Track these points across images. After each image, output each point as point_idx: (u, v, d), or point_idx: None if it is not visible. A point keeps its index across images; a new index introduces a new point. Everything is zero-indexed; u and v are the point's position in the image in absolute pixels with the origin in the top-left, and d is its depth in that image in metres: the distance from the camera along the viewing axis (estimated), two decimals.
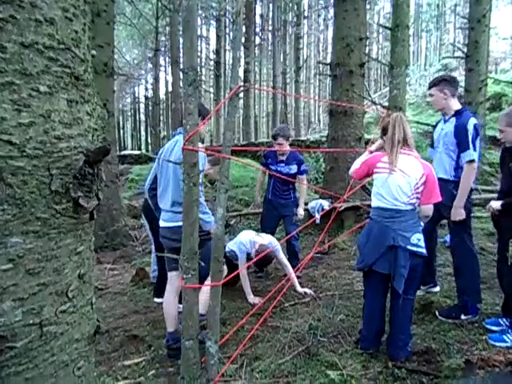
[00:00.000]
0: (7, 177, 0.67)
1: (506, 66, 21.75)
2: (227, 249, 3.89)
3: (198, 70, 2.24)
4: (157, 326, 3.41)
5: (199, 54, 26.34)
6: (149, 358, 2.89)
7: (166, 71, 30.95)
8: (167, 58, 29.70)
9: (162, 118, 31.76)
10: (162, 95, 30.87)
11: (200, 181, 3.08)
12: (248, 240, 3.87)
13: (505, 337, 2.71)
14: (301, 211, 4.52)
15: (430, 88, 3.33)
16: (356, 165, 2.86)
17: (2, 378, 0.67)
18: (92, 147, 0.73)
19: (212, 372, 2.10)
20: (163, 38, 22.00)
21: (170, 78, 30.93)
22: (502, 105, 13.06)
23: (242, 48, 26.99)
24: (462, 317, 3.06)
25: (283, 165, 4.37)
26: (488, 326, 2.93)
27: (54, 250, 0.73)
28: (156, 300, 4.02)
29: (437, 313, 3.12)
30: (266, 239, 3.92)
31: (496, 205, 2.83)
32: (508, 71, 18.37)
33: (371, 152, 2.92)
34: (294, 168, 4.39)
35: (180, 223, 2.21)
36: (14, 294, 0.69)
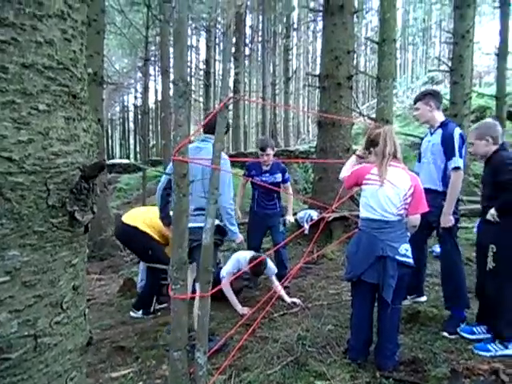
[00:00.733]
0: (6, 192, 0.68)
1: (489, 80, 22.29)
2: (221, 275, 3.86)
3: (188, 79, 2.28)
4: (144, 337, 3.38)
5: (189, 63, 26.48)
6: (136, 370, 2.86)
7: (155, 80, 31.02)
8: (157, 68, 29.77)
9: (151, 127, 31.72)
10: (151, 104, 30.90)
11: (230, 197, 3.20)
12: (244, 259, 3.86)
13: (489, 346, 2.75)
14: (291, 218, 4.55)
15: (415, 103, 3.43)
16: (346, 171, 2.90)
17: None
18: (88, 163, 0.75)
19: (201, 383, 2.09)
20: (153, 48, 22.08)
21: (159, 88, 30.99)
22: (486, 117, 13.36)
23: (232, 59, 27.22)
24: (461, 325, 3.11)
25: (268, 175, 4.40)
26: (462, 334, 2.98)
27: (50, 263, 0.75)
28: (132, 314, 3.94)
29: (445, 333, 3.07)
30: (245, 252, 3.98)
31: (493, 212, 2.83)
32: (491, 85, 18.81)
33: (358, 156, 2.96)
34: (278, 177, 4.43)
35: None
36: (10, 305, 0.71)
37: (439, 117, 3.32)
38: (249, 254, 3.95)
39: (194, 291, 3.01)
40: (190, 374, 2.16)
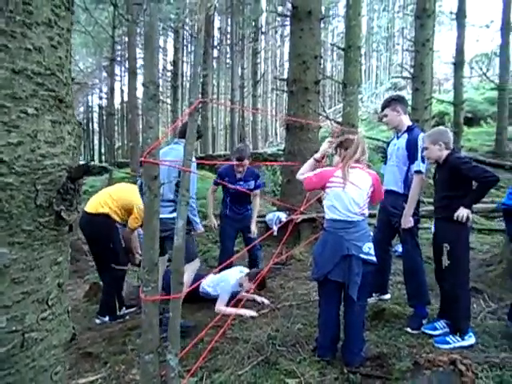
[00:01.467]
0: None
1: (448, 87, 23.38)
2: (201, 289, 3.90)
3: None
4: (112, 342, 3.33)
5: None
6: (105, 375, 2.81)
7: (121, 81, 30.38)
8: (123, 68, 29.18)
9: (116, 128, 30.99)
10: (116, 105, 30.20)
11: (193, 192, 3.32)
12: (235, 281, 3.90)
13: (448, 339, 2.92)
14: (253, 228, 4.54)
15: (382, 110, 3.56)
16: (306, 172, 2.94)
17: None
18: (73, 164, 0.77)
19: None
20: (119, 47, 21.65)
21: (125, 88, 30.37)
22: (445, 123, 14.01)
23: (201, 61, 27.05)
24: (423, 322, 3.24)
25: (242, 182, 4.42)
26: (426, 331, 3.13)
27: (37, 260, 0.76)
28: (98, 321, 3.87)
29: (408, 329, 3.18)
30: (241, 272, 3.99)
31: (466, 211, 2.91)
32: (450, 91, 19.75)
33: (316, 160, 3.03)
34: (252, 184, 4.48)
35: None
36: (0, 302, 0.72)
37: (406, 121, 3.47)
38: (237, 272, 3.98)
39: (164, 285, 3.04)
40: (162, 377, 2.15)
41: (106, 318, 3.87)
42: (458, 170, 2.89)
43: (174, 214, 2.45)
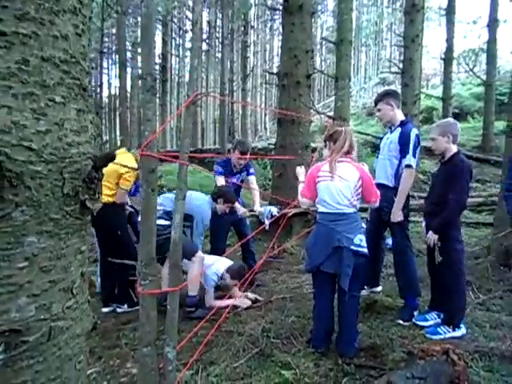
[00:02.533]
0: (27, 180, 0.71)
1: (436, 82, 23.63)
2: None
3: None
4: (106, 336, 3.31)
5: None
6: (99, 370, 2.80)
7: (108, 74, 29.97)
8: (110, 60, 28.78)
9: (104, 121, 30.59)
10: (104, 98, 29.79)
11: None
12: (215, 273, 3.79)
13: (439, 329, 2.98)
14: (259, 209, 4.57)
15: (376, 104, 3.56)
16: (300, 186, 3.04)
17: (16, 371, 0.68)
18: (97, 153, 0.77)
19: (170, 379, 2.10)
20: (106, 39, 21.31)
21: (113, 82, 29.99)
22: (433, 118, 14.17)
23: (189, 53, 26.81)
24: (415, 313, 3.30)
25: (238, 175, 4.44)
26: (417, 323, 3.19)
27: (63, 249, 0.77)
28: (104, 310, 3.91)
29: (400, 321, 3.24)
30: (221, 262, 3.90)
31: (434, 237, 3.03)
32: (438, 87, 19.97)
33: (302, 182, 3.07)
34: (244, 174, 4.50)
35: None
36: (28, 290, 0.73)
37: (400, 115, 3.49)
38: (220, 265, 3.87)
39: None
40: (159, 369, 2.16)
41: (125, 306, 3.91)
42: (454, 176, 2.93)
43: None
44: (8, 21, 0.67)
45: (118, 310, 3.92)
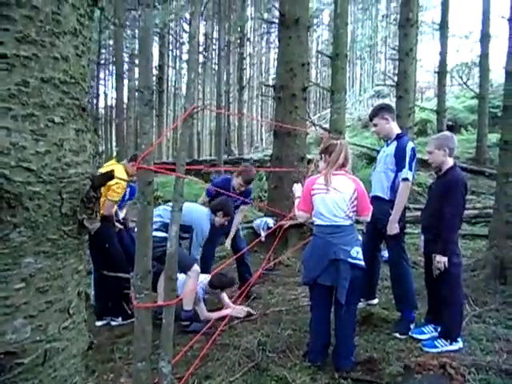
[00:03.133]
0: (25, 201, 0.71)
1: (430, 95, 23.91)
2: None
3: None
4: (100, 350, 3.27)
5: None
6: None
7: (105, 85, 30.04)
8: (107, 72, 28.89)
9: (100, 132, 30.56)
10: (101, 109, 29.81)
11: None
12: (201, 287, 3.81)
13: (436, 343, 2.97)
14: (228, 241, 4.49)
15: (371, 119, 3.60)
16: (295, 202, 3.05)
17: None
18: (95, 172, 0.77)
19: None
20: (103, 50, 21.43)
21: (110, 93, 30.05)
22: (428, 130, 14.30)
23: (185, 65, 26.97)
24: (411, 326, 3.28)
25: (235, 200, 4.34)
26: (414, 336, 3.17)
27: (60, 269, 0.76)
28: (98, 323, 3.86)
29: (396, 334, 3.22)
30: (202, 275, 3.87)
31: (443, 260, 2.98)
32: (432, 99, 20.19)
33: (299, 197, 3.08)
34: (239, 202, 4.47)
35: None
36: (24, 311, 0.72)
37: (396, 129, 3.52)
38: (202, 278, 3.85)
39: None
40: None
41: (120, 319, 3.87)
42: (449, 189, 2.94)
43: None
44: (9, 43, 0.67)
45: (113, 323, 3.88)
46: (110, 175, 0.79)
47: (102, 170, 4.00)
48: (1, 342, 0.67)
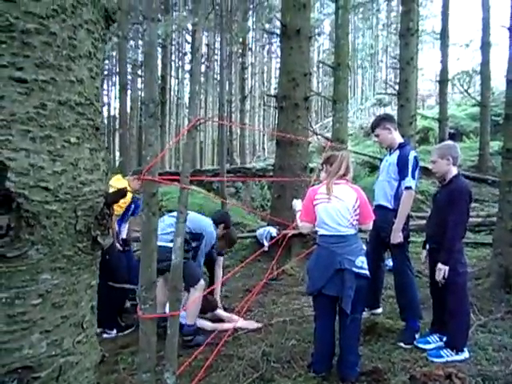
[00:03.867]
0: (42, 219, 0.74)
1: (431, 103, 24.00)
2: None
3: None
4: (104, 361, 3.26)
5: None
6: None
7: (108, 95, 30.32)
8: (110, 82, 29.18)
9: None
10: (104, 119, 29.97)
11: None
12: None
13: (442, 352, 2.95)
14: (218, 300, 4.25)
15: (373, 130, 3.63)
16: (297, 215, 3.07)
17: None
18: (108, 189, 0.79)
19: None
20: (106, 61, 21.66)
21: (112, 103, 30.31)
22: (430, 138, 14.32)
23: (188, 75, 27.21)
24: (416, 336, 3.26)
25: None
26: (419, 345, 3.15)
27: (75, 285, 0.79)
28: (105, 336, 3.84)
29: (401, 344, 3.21)
30: None
31: (444, 268, 2.97)
32: (433, 108, 20.26)
33: (299, 211, 3.10)
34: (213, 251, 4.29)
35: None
36: (41, 326, 0.75)
37: (398, 138, 3.55)
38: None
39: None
40: None
41: (114, 331, 3.85)
42: (453, 198, 2.95)
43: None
44: (29, 68, 0.70)
45: (105, 335, 3.83)
46: (123, 192, 0.81)
47: (110, 183, 4.03)
48: (18, 357, 0.69)
